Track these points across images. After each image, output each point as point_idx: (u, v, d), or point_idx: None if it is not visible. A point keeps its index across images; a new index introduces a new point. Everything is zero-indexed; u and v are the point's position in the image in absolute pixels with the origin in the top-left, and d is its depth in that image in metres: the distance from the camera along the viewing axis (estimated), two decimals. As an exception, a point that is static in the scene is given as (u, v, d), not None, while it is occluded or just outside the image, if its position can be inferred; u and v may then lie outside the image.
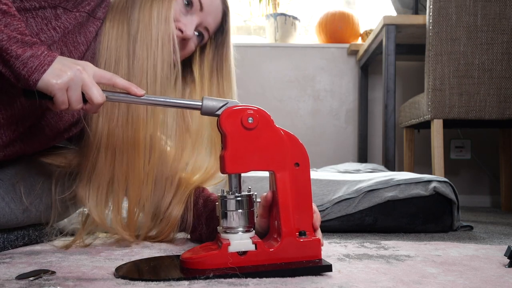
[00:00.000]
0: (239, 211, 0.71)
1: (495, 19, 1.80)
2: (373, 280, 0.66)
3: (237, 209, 0.72)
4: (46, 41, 0.84)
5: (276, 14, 2.78)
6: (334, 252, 0.89)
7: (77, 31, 0.88)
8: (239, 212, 0.71)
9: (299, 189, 0.72)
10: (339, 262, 0.79)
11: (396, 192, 1.27)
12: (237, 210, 0.71)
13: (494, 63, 1.80)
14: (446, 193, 1.27)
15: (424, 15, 1.98)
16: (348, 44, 2.72)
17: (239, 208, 0.72)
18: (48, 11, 0.84)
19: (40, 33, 0.83)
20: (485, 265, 0.77)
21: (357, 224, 1.27)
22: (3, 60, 0.72)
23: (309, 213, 0.73)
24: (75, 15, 0.87)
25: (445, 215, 1.29)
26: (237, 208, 0.72)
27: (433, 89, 1.82)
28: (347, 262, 0.79)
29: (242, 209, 0.72)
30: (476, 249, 0.94)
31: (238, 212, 0.71)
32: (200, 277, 0.65)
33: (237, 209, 0.72)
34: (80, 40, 0.89)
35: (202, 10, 0.96)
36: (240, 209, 0.72)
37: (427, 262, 0.80)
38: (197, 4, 0.96)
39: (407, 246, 0.99)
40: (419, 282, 0.65)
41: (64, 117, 0.93)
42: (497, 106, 1.80)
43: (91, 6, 0.89)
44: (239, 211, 0.71)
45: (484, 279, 0.67)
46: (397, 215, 1.27)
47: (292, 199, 0.71)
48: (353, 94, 2.75)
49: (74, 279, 0.65)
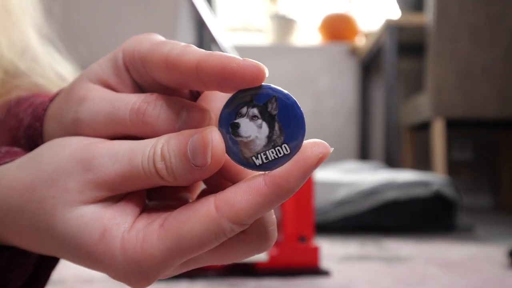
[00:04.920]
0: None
1: (497, 19, 1.79)
2: (374, 281, 0.65)
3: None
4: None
5: (276, 14, 2.78)
6: (335, 253, 0.89)
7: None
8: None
9: (300, 194, 0.72)
10: (340, 262, 0.79)
11: (398, 193, 1.26)
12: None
13: (496, 62, 1.80)
14: (448, 195, 1.27)
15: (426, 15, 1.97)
16: (349, 44, 2.72)
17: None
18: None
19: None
20: (487, 266, 0.77)
21: (358, 224, 1.26)
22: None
23: (310, 218, 0.72)
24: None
25: (446, 215, 1.29)
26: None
27: (435, 88, 1.81)
28: (348, 263, 0.79)
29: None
30: (477, 250, 0.93)
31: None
32: (201, 276, 0.65)
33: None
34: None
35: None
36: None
37: (428, 263, 0.79)
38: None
39: (408, 246, 0.99)
40: (420, 283, 0.64)
41: None
42: (499, 105, 1.80)
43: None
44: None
45: (486, 280, 0.66)
46: (399, 216, 1.27)
47: (292, 204, 0.71)
48: (354, 94, 2.75)
49: (71, 280, 0.65)
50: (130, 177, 0.20)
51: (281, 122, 0.19)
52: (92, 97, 0.22)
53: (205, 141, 0.18)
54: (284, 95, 0.19)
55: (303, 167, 0.19)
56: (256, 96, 0.19)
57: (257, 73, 0.19)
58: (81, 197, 0.20)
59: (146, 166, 0.19)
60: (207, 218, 0.19)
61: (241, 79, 0.19)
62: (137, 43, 0.22)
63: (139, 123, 0.20)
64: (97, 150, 0.20)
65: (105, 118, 0.21)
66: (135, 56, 0.22)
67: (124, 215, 0.20)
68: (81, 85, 0.22)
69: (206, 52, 0.20)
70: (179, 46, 0.20)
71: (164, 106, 0.20)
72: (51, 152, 0.21)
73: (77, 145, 0.21)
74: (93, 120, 0.21)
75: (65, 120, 0.22)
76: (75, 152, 0.20)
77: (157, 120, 0.20)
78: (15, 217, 0.21)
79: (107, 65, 0.22)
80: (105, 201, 0.20)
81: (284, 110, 0.19)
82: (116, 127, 0.21)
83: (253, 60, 0.19)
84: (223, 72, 0.19)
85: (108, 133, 0.21)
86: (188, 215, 0.19)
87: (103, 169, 0.20)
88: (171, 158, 0.19)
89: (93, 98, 0.22)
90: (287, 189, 0.19)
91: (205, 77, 0.19)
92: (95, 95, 0.22)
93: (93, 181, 0.20)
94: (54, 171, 0.20)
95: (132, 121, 0.20)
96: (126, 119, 0.21)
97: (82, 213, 0.20)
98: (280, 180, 0.19)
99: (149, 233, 0.19)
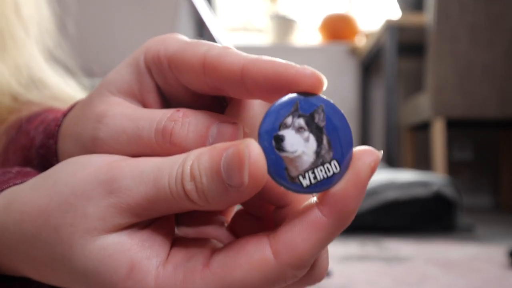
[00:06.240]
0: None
1: (497, 18, 1.79)
2: (374, 281, 0.65)
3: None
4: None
5: (276, 14, 2.78)
6: (335, 253, 0.89)
7: None
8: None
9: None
10: (340, 262, 0.79)
11: (398, 193, 1.26)
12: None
13: (496, 62, 1.80)
14: (448, 195, 1.27)
15: (426, 15, 1.97)
16: (350, 44, 2.72)
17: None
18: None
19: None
20: (487, 266, 0.77)
21: (358, 224, 1.26)
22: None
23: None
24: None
25: (446, 215, 1.29)
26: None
27: (435, 88, 1.81)
28: (348, 263, 0.79)
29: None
30: (477, 250, 0.93)
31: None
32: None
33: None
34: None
35: None
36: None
37: (428, 263, 0.79)
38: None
39: (408, 246, 0.98)
40: (420, 283, 0.64)
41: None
42: (499, 105, 1.80)
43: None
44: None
45: (486, 280, 0.66)
46: (399, 216, 1.27)
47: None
48: (354, 94, 2.75)
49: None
50: (157, 200, 0.16)
51: (329, 135, 0.16)
52: (112, 113, 0.19)
53: (241, 156, 0.15)
54: (330, 105, 0.17)
55: (360, 183, 0.16)
56: (301, 105, 0.17)
57: (316, 83, 0.17)
58: (103, 224, 0.17)
59: (174, 188, 0.16)
60: (264, 266, 0.16)
61: (296, 88, 0.16)
62: (162, 42, 0.19)
63: (166, 144, 0.18)
64: (120, 170, 0.17)
65: (128, 138, 0.18)
66: (161, 57, 0.19)
67: (155, 245, 0.17)
68: (100, 99, 0.20)
69: (253, 55, 0.17)
70: (218, 47, 0.18)
71: (192, 123, 0.18)
72: (69, 171, 0.18)
73: (98, 164, 0.18)
74: (115, 140, 0.19)
75: (83, 138, 0.20)
76: (96, 172, 0.17)
77: (186, 141, 0.18)
78: (29, 246, 0.18)
79: (127, 71, 0.20)
80: (130, 228, 0.17)
81: (331, 122, 0.17)
82: (140, 148, 0.18)
83: (311, 68, 0.17)
84: (276, 80, 0.16)
85: (132, 153, 0.19)
86: (240, 261, 0.16)
87: (126, 191, 0.17)
88: (202, 178, 0.16)
89: (113, 114, 0.19)
90: (348, 213, 0.16)
91: (252, 83, 0.17)
92: (116, 111, 0.19)
93: (116, 206, 0.17)
94: (72, 193, 0.17)
95: (158, 142, 0.18)
96: (152, 140, 0.18)
97: (105, 244, 0.17)
98: (339, 206, 0.16)
99: (191, 271, 0.16)
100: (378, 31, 2.22)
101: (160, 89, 0.20)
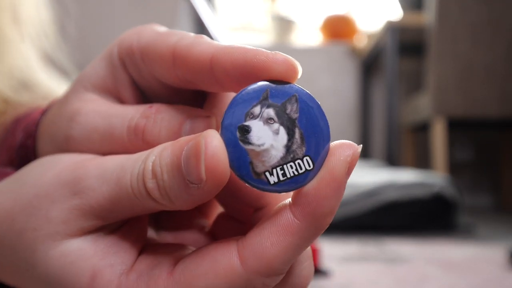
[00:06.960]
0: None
1: (497, 19, 1.79)
2: (374, 281, 0.65)
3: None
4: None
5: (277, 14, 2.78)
6: (335, 253, 0.89)
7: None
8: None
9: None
10: (341, 263, 0.79)
11: (399, 194, 1.26)
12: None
13: (497, 62, 1.79)
14: (449, 196, 1.27)
15: (427, 15, 1.97)
16: (350, 45, 2.72)
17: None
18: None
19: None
20: (487, 266, 0.77)
21: (358, 224, 1.26)
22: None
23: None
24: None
25: (446, 215, 1.29)
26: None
27: (435, 88, 1.81)
28: (349, 263, 0.79)
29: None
30: (477, 250, 0.93)
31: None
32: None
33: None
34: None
35: None
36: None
37: (428, 263, 0.79)
38: None
39: (408, 246, 0.98)
40: (420, 283, 0.64)
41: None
42: (500, 105, 1.80)
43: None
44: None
45: (486, 280, 0.66)
46: (399, 216, 1.27)
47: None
48: (355, 94, 2.75)
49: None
50: (120, 200, 0.15)
51: (303, 128, 0.15)
52: (85, 111, 0.18)
53: (197, 149, 0.13)
54: (305, 94, 0.15)
55: (335, 181, 0.14)
56: (272, 94, 0.15)
57: (288, 70, 0.15)
58: (66, 228, 0.15)
59: (135, 187, 0.15)
60: (230, 274, 0.14)
61: (267, 76, 0.15)
62: (136, 34, 0.18)
63: (139, 142, 0.17)
64: (85, 169, 0.16)
65: (100, 136, 0.17)
66: (134, 48, 0.18)
67: (121, 251, 0.16)
68: (76, 96, 0.19)
69: (223, 44, 0.16)
70: (189, 37, 0.16)
71: (165, 119, 0.17)
72: (37, 172, 0.17)
73: (65, 164, 0.17)
74: (88, 139, 0.17)
75: (57, 137, 0.19)
76: (61, 173, 0.16)
77: (159, 138, 0.16)
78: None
79: (101, 66, 0.19)
80: (95, 233, 0.16)
81: (305, 113, 0.15)
82: (113, 146, 0.17)
83: (284, 54, 0.15)
84: (245, 67, 0.15)
85: (105, 151, 0.17)
86: (205, 268, 0.14)
87: (90, 192, 0.15)
88: (164, 175, 0.14)
89: (86, 112, 0.18)
90: (323, 214, 0.14)
91: (221, 73, 0.15)
92: (89, 109, 0.18)
93: (79, 208, 0.15)
94: (36, 196, 0.16)
95: (131, 140, 0.17)
96: (124, 139, 0.17)
97: (67, 250, 0.15)
98: (311, 207, 0.14)
99: (154, 280, 0.15)
100: (379, 32, 2.22)
101: (136, 83, 0.19)
